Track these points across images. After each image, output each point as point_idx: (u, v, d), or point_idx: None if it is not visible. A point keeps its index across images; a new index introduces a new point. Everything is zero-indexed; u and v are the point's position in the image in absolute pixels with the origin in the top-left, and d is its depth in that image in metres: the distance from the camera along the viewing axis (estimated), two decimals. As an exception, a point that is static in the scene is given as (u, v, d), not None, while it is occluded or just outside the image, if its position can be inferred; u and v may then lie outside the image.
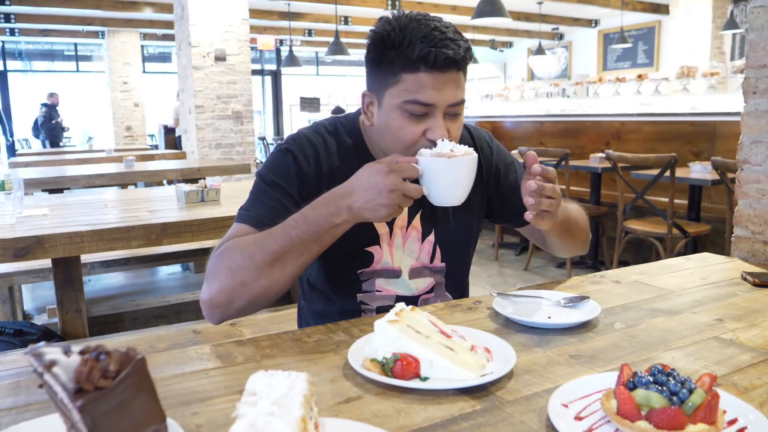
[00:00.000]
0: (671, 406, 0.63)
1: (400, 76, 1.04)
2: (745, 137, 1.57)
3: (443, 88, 1.03)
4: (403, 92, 1.04)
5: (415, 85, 1.03)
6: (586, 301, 1.07)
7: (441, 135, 1.04)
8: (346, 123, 1.21)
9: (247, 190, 1.17)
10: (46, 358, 0.54)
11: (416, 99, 1.03)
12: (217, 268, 1.02)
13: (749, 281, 1.25)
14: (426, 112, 1.04)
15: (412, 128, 1.05)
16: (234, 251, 1.02)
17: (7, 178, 2.64)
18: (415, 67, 1.02)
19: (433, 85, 1.02)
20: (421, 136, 1.06)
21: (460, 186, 1.02)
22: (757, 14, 1.52)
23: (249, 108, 6.52)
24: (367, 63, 1.10)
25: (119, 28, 11.09)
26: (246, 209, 1.12)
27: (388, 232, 1.19)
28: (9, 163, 6.15)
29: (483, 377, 0.78)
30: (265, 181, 1.13)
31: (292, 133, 1.20)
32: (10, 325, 2.32)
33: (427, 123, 1.05)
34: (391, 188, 0.95)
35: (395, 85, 1.05)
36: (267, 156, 1.18)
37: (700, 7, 9.16)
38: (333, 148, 1.17)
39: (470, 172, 1.02)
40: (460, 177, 1.01)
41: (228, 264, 1.01)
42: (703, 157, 4.37)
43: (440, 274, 1.25)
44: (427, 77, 1.02)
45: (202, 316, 1.07)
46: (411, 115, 1.05)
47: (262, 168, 1.17)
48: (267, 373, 0.64)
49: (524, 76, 13.30)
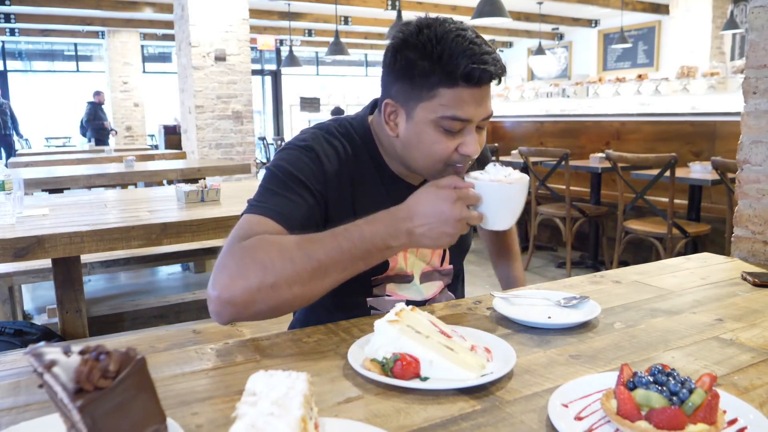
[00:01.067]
0: (671, 406, 0.63)
1: (436, 90, 0.99)
2: (745, 137, 1.57)
3: (481, 104, 1.02)
4: (440, 107, 1.00)
5: (453, 100, 0.99)
6: (586, 301, 1.07)
7: (474, 150, 1.03)
8: (357, 126, 1.17)
9: (247, 189, 1.17)
10: (46, 358, 0.54)
11: (455, 115, 1.00)
12: (245, 262, 0.90)
13: (749, 281, 1.25)
14: (461, 128, 1.02)
15: (447, 144, 1.02)
16: (270, 248, 0.92)
17: (7, 178, 2.65)
18: (454, 83, 0.98)
19: (472, 101, 1.00)
20: (454, 151, 1.03)
21: (516, 210, 1.01)
22: (757, 14, 1.52)
23: (249, 108, 6.52)
24: (392, 71, 1.05)
25: (119, 28, 11.09)
26: (262, 201, 1.04)
27: None
28: (9, 163, 6.15)
29: (483, 377, 0.78)
30: (283, 174, 1.06)
31: (306, 133, 1.14)
32: (10, 325, 2.32)
33: (460, 138, 1.03)
34: (458, 218, 0.93)
35: (430, 99, 1.00)
36: (277, 152, 1.12)
37: (700, 7, 9.16)
38: (348, 150, 1.13)
39: (525, 196, 1.02)
40: (517, 202, 1.00)
41: (262, 260, 0.90)
42: (703, 157, 4.37)
43: (448, 277, 1.24)
44: (467, 93, 0.99)
45: (202, 316, 1.08)
46: (446, 130, 1.02)
47: (275, 162, 1.09)
48: (267, 373, 0.64)
49: (524, 76, 13.30)
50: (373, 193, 1.14)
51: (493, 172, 1.00)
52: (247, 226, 0.99)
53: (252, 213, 1.02)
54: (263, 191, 1.06)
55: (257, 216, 1.01)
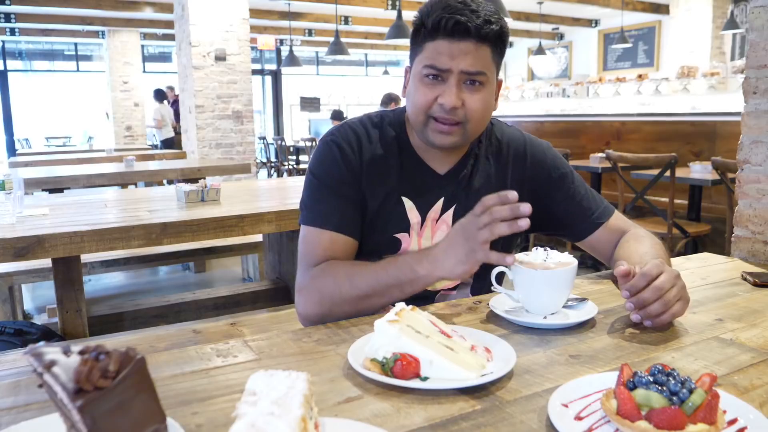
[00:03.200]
0: (671, 406, 0.63)
1: (423, 45, 1.10)
2: (745, 137, 1.57)
3: (458, 56, 1.07)
4: (424, 59, 1.10)
5: (432, 51, 1.08)
6: (585, 302, 1.06)
7: (449, 101, 1.08)
8: (393, 116, 1.25)
9: (248, 189, 1.18)
10: (45, 358, 0.54)
11: (432, 64, 1.08)
12: (309, 290, 1.12)
13: (749, 281, 1.25)
14: (441, 78, 1.09)
15: (425, 92, 1.10)
16: (327, 279, 1.10)
17: (7, 178, 2.65)
18: (434, 35, 1.08)
19: (448, 52, 1.07)
20: (434, 101, 1.10)
21: (551, 299, 1.01)
22: (757, 14, 1.51)
23: (249, 108, 6.52)
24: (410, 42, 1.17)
25: (119, 28, 11.09)
26: (309, 209, 1.18)
27: (420, 222, 1.21)
28: (9, 163, 6.15)
29: (483, 377, 0.78)
30: (316, 176, 1.19)
31: (336, 126, 1.25)
32: (10, 324, 2.32)
33: (440, 89, 1.10)
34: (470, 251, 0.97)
35: (419, 54, 1.12)
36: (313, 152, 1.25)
37: (701, 7, 9.16)
38: (375, 138, 1.21)
39: (561, 284, 1.00)
40: (549, 290, 1.00)
41: (320, 289, 1.11)
42: (703, 157, 4.37)
43: None
44: (444, 44, 1.07)
45: (202, 316, 1.09)
46: (427, 80, 1.10)
47: (312, 166, 1.22)
48: (267, 373, 0.64)
49: (524, 76, 13.30)
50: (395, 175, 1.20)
51: (533, 255, 1.01)
52: (311, 245, 1.16)
53: (311, 225, 1.17)
54: (307, 197, 1.20)
55: (317, 230, 1.16)
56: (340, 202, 1.16)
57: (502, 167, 1.26)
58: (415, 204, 1.20)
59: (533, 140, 1.31)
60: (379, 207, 1.19)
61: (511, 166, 1.27)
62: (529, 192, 1.25)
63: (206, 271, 4.42)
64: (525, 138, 1.31)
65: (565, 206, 1.27)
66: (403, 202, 1.20)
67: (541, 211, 1.25)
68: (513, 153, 1.27)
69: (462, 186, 1.23)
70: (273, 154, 11.00)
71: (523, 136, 1.31)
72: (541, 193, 1.26)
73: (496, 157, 1.26)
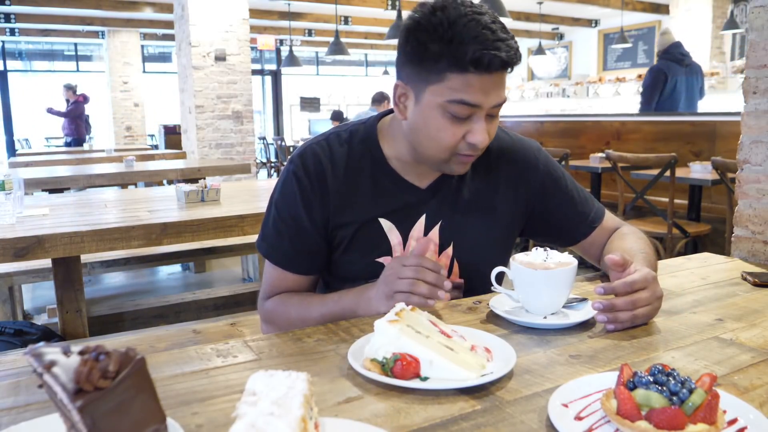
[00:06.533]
0: (671, 406, 0.63)
1: (445, 74, 0.98)
2: (745, 137, 1.57)
3: (491, 91, 0.99)
4: (448, 91, 0.98)
5: (462, 85, 0.98)
6: (585, 302, 1.06)
7: (482, 140, 1.02)
8: (364, 130, 1.17)
9: (248, 189, 1.18)
10: (45, 359, 0.54)
11: (463, 99, 0.98)
12: (266, 322, 1.21)
13: (749, 281, 1.25)
14: (469, 114, 1.01)
15: (453, 130, 1.01)
16: (280, 315, 1.16)
17: (7, 178, 2.64)
18: (464, 68, 0.96)
19: (482, 87, 0.98)
20: (462, 139, 1.02)
21: (550, 298, 1.01)
22: (757, 14, 1.51)
23: (249, 108, 6.52)
24: (404, 52, 1.04)
25: (119, 28, 11.09)
26: (265, 238, 1.18)
27: (401, 243, 1.15)
28: (9, 163, 6.15)
29: (483, 377, 0.78)
30: (278, 209, 1.16)
31: (300, 147, 1.18)
32: (10, 325, 2.32)
33: (468, 125, 1.02)
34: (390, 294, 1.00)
35: (439, 82, 0.99)
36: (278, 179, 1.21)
37: (700, 7, 9.16)
38: (342, 159, 1.14)
39: (560, 284, 1.00)
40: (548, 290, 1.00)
41: (277, 322, 1.17)
42: (703, 157, 4.37)
43: (458, 291, 1.19)
44: (476, 79, 0.97)
45: (202, 316, 1.10)
46: (453, 116, 1.00)
47: (274, 188, 1.19)
48: (267, 373, 0.64)
49: (524, 76, 13.29)
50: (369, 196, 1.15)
51: (533, 255, 1.01)
52: (267, 275, 1.20)
53: (266, 257, 1.19)
54: (268, 227, 1.18)
55: (270, 265, 1.18)
56: (294, 241, 1.14)
57: (492, 176, 1.19)
58: (395, 224, 1.14)
59: (524, 144, 1.24)
60: (355, 232, 1.14)
61: (503, 175, 1.20)
62: (523, 198, 1.21)
63: (206, 271, 4.42)
64: (515, 142, 1.23)
65: (560, 212, 1.23)
66: (381, 223, 1.14)
67: (535, 217, 1.24)
68: (504, 160, 1.20)
69: (447, 200, 1.16)
70: (273, 154, 11.01)
71: (513, 141, 1.23)
72: (535, 200, 1.22)
73: (485, 165, 1.18)
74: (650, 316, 0.99)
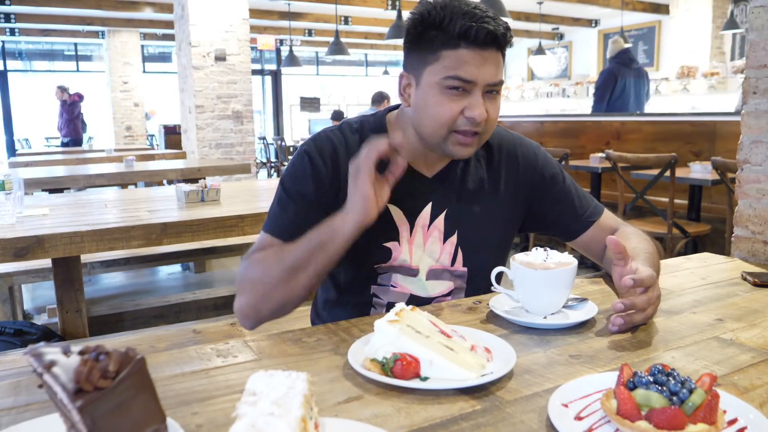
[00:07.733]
0: (671, 406, 0.63)
1: (440, 53, 1.04)
2: (745, 137, 1.57)
3: (483, 66, 1.04)
4: (443, 69, 1.04)
5: (455, 61, 1.03)
6: (585, 302, 1.06)
7: (479, 113, 1.05)
8: (374, 120, 1.22)
9: (248, 189, 1.18)
10: (45, 359, 0.54)
11: (456, 75, 1.04)
12: (242, 281, 1.11)
13: (749, 281, 1.25)
14: (465, 90, 1.05)
15: (450, 105, 1.06)
16: (256, 265, 1.10)
17: (7, 178, 2.64)
18: (455, 44, 1.03)
19: (474, 61, 1.03)
20: (459, 114, 1.06)
21: (550, 299, 1.01)
22: (757, 14, 1.51)
23: (249, 108, 6.52)
24: (406, 46, 1.11)
25: (119, 28, 11.09)
26: (270, 217, 1.17)
27: (409, 229, 1.18)
28: (9, 163, 6.15)
29: (483, 377, 0.78)
30: (285, 187, 1.16)
31: (313, 135, 1.21)
32: (10, 325, 2.32)
33: (465, 101, 1.06)
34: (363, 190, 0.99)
35: (435, 62, 1.05)
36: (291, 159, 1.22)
37: (700, 7, 9.16)
38: (354, 144, 1.16)
39: (560, 284, 1.00)
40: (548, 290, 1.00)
41: (251, 278, 1.09)
42: (703, 157, 4.37)
43: (461, 279, 1.22)
44: (468, 53, 1.03)
45: (202, 316, 1.09)
46: (450, 91, 1.05)
47: (284, 171, 1.20)
48: (267, 373, 0.64)
49: (524, 76, 13.29)
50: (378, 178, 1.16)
51: (533, 255, 1.01)
52: (257, 245, 1.14)
53: (266, 232, 1.15)
54: (273, 207, 1.18)
55: (266, 235, 1.14)
56: (301, 218, 1.12)
57: (494, 170, 1.24)
58: (402, 210, 1.18)
59: (523, 142, 1.29)
60: None
61: (504, 170, 1.24)
62: (523, 195, 1.25)
63: (206, 271, 4.42)
64: (515, 140, 1.28)
65: (558, 207, 1.27)
66: (389, 208, 1.16)
67: (534, 212, 1.28)
68: (505, 156, 1.25)
69: (453, 189, 1.20)
70: (273, 154, 11.01)
71: (513, 138, 1.28)
72: (535, 195, 1.26)
73: (488, 159, 1.24)
74: (649, 316, 0.99)
